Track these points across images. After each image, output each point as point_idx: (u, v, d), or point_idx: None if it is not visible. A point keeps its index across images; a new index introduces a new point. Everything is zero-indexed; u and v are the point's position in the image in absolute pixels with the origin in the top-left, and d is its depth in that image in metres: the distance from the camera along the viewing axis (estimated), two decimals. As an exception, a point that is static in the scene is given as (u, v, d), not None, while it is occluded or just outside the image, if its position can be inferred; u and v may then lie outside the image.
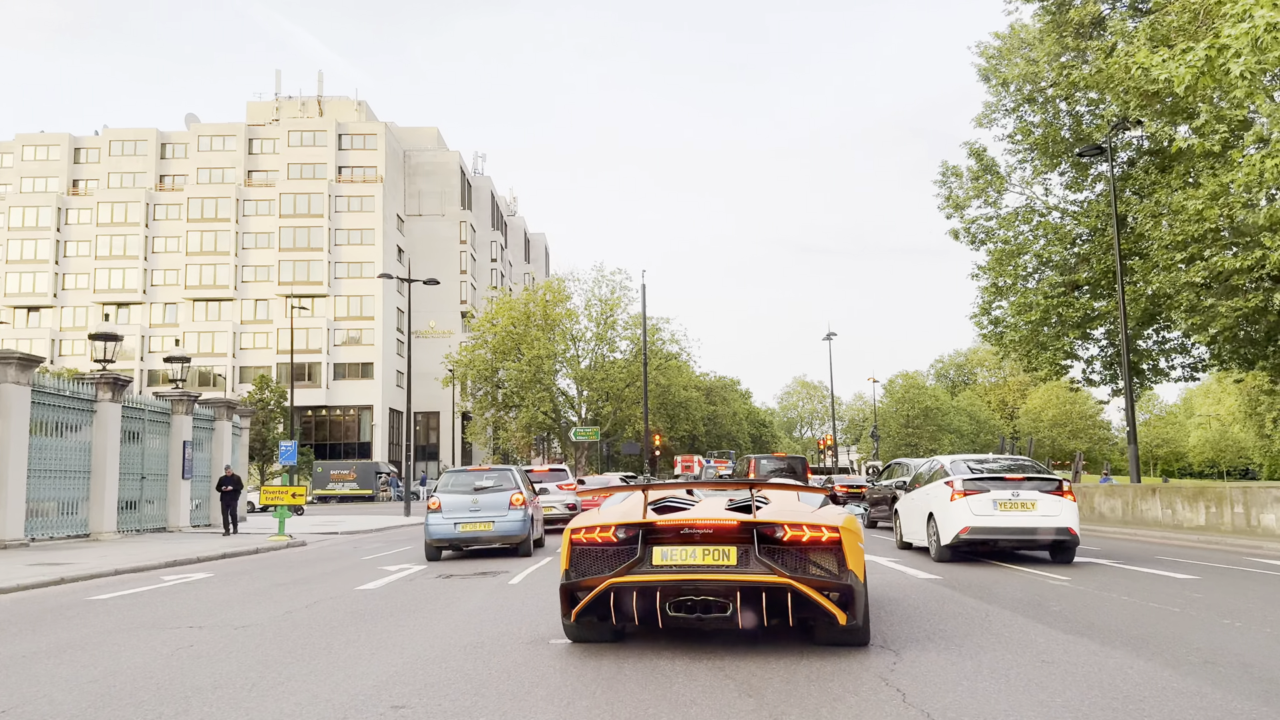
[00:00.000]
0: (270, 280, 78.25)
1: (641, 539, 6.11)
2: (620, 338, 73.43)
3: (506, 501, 15.24)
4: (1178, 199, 20.98)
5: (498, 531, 14.95)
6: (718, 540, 6.03)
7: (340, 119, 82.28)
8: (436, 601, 9.50)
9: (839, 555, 6.01)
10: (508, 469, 16.34)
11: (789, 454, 39.46)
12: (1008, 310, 29.16)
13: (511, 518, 15.09)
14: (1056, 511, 12.36)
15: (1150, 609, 8.26)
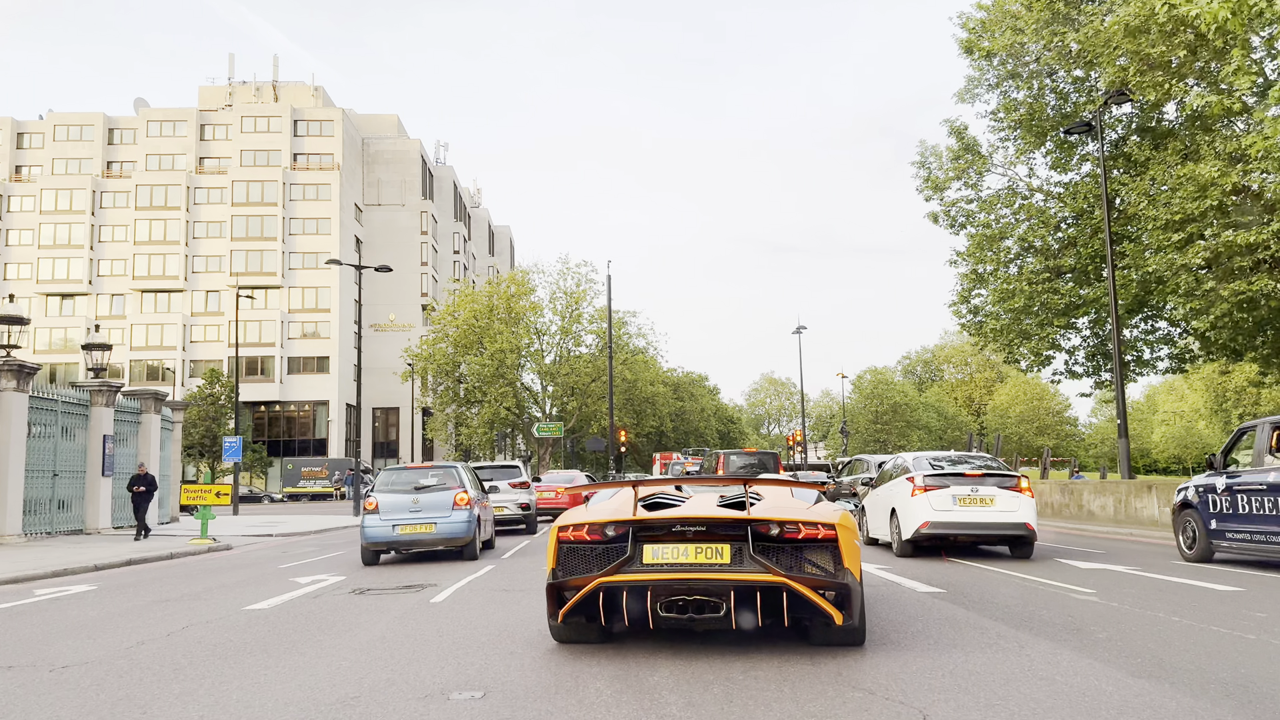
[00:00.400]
0: (222, 271, 75.50)
1: (632, 537, 5.85)
2: (586, 331, 71.60)
3: (450, 501, 14.04)
4: (1181, 172, 19.54)
5: (440, 534, 13.76)
6: (711, 538, 5.81)
7: (296, 105, 79.58)
8: (331, 629, 7.67)
9: (835, 553, 5.82)
10: (453, 466, 15.13)
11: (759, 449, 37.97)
12: (988, 298, 27.71)
13: (455, 519, 13.88)
14: (1015, 508, 12.54)
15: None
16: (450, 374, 70.80)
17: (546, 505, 26.82)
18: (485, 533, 15.76)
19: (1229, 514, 11.74)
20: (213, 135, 78.88)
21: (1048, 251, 26.54)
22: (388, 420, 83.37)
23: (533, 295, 71.95)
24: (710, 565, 5.71)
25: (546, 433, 63.84)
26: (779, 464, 27.52)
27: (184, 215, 75.74)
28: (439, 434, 70.86)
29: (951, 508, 12.66)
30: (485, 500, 16.48)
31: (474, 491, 14.88)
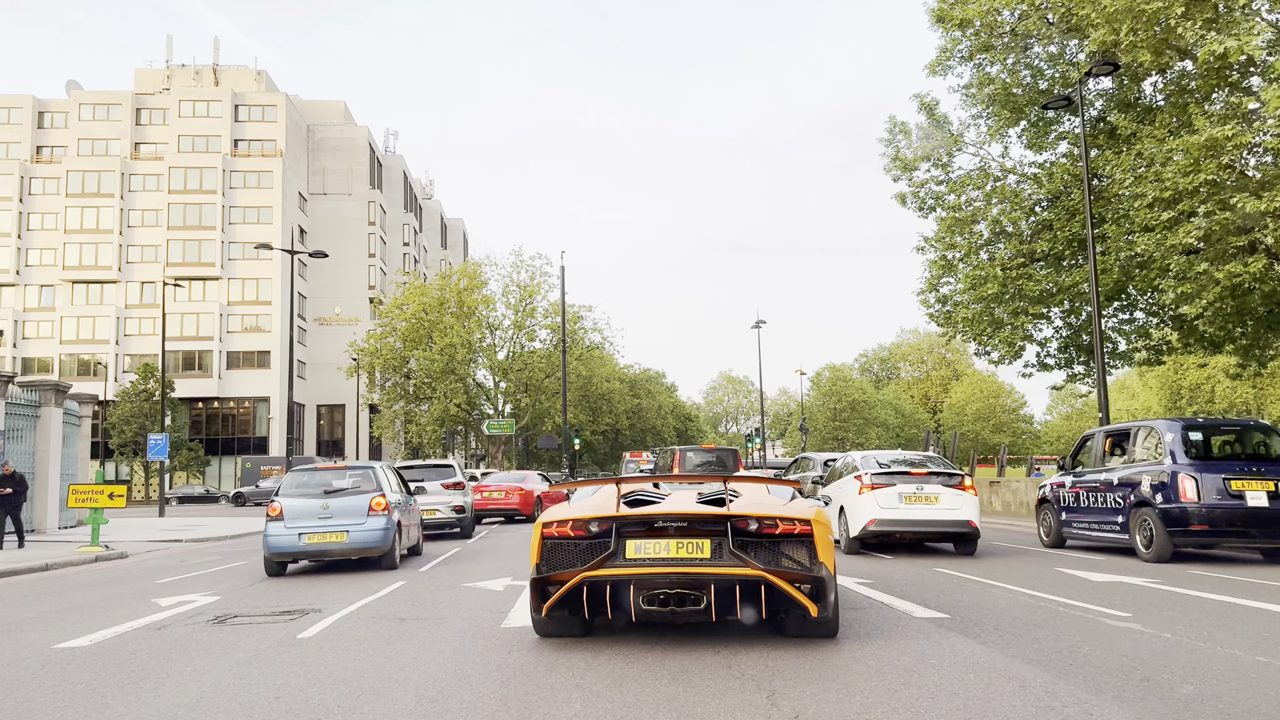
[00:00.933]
0: (158, 261, 72.15)
1: (616, 532, 6.04)
2: (540, 326, 69.41)
3: (365, 507, 12.68)
4: (1174, 144, 18.02)
5: (353, 543, 12.46)
6: (692, 533, 6.01)
7: (237, 89, 76.36)
8: (141, 681, 5.67)
9: (811, 548, 6.04)
10: (370, 467, 13.70)
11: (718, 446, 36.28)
12: (958, 285, 26.16)
13: (371, 526, 12.56)
14: (959, 505, 12.87)
15: None
16: (398, 369, 68.31)
17: (496, 506, 25.15)
18: (409, 539, 14.42)
19: (1074, 508, 14.00)
20: (149, 120, 75.45)
21: (1021, 236, 25.04)
22: (333, 418, 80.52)
23: (485, 288, 69.70)
24: (691, 560, 5.88)
25: (497, 430, 61.57)
26: (739, 461, 25.84)
27: (118, 203, 72.27)
28: (386, 431, 68.30)
29: (898, 505, 12.92)
30: (411, 504, 15.13)
31: (394, 495, 13.53)
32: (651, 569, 5.88)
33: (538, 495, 27.11)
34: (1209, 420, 13.14)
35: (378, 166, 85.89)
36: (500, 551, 15.69)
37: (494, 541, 18.59)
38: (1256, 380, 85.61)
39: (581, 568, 5.99)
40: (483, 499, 25.02)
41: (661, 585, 5.87)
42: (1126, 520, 12.58)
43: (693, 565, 5.87)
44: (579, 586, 5.98)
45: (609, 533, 6.06)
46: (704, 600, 5.86)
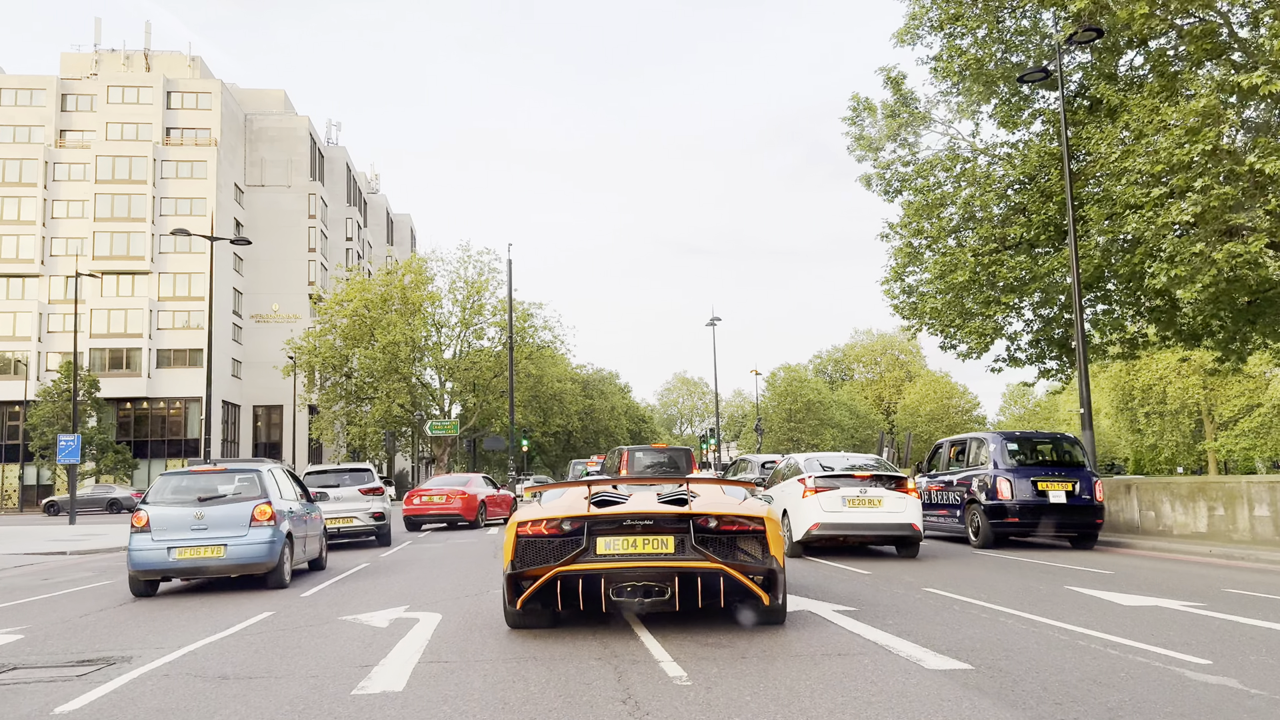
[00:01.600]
0: (84, 254, 68.42)
1: (587, 530, 6.52)
2: (488, 324, 66.99)
3: (246, 516, 11.12)
4: (1168, 112, 16.41)
5: (232, 558, 10.92)
6: (657, 531, 6.54)
7: (170, 75, 72.86)
8: None
9: (764, 543, 6.65)
10: (256, 469, 11.99)
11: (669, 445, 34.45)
12: (924, 274, 24.49)
13: (253, 539, 11.01)
14: (901, 508, 13.00)
15: None
16: (338, 369, 65.47)
17: (436, 511, 23.72)
18: (306, 553, 12.89)
19: (927, 504, 16.05)
20: (75, 106, 71.66)
21: (992, 221, 23.41)
22: (271, 419, 77.29)
23: (431, 284, 67.13)
24: (657, 555, 6.48)
25: (440, 431, 59.03)
26: (693, 461, 23.95)
27: (41, 193, 68.46)
28: (326, 433, 65.40)
29: (841, 509, 12.96)
30: (314, 513, 13.58)
31: (285, 503, 11.96)
32: (621, 563, 6.40)
33: (482, 500, 25.19)
34: (1024, 434, 16.40)
35: (319, 158, 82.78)
36: (415, 566, 13.60)
37: (415, 552, 16.51)
38: (1209, 380, 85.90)
39: (555, 563, 6.44)
40: (422, 503, 23.72)
41: (630, 578, 6.39)
42: (962, 514, 15.30)
43: (658, 560, 6.40)
44: (553, 580, 6.44)
45: (581, 531, 6.52)
46: (668, 591, 6.38)
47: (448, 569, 13.05)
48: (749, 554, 6.57)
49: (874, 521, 12.96)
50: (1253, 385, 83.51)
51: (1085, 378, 19.21)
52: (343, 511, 17.74)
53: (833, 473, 13.52)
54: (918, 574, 11.03)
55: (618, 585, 6.43)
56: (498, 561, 13.23)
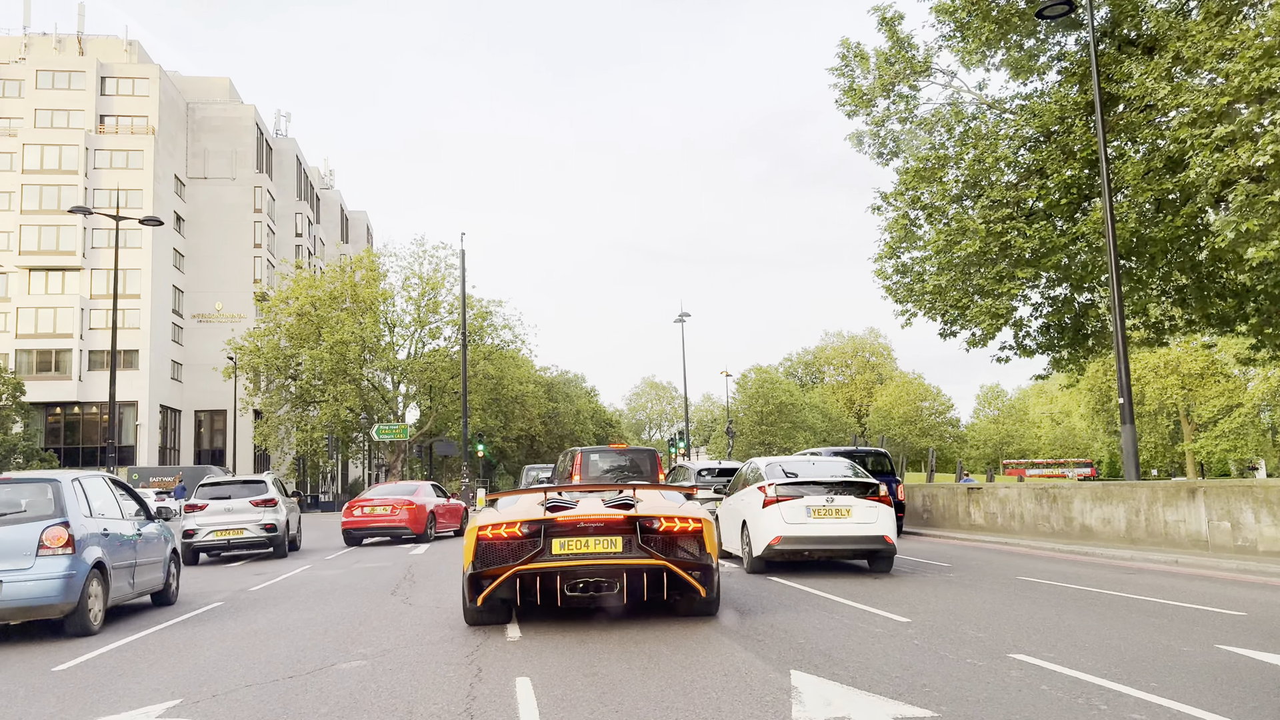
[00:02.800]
0: (10, 249, 63.96)
1: (544, 533, 7.29)
2: (444, 323, 63.21)
3: (32, 543, 8.46)
4: (1244, 31, 13.36)
5: (11, 599, 8.26)
6: (607, 532, 7.35)
7: (104, 59, 68.52)
8: None
9: (700, 541, 7.58)
10: (54, 479, 9.26)
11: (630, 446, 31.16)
12: (926, 244, 21.40)
13: (41, 572, 8.37)
14: (872, 519, 11.81)
15: None
16: (283, 370, 61.47)
17: (380, 524, 21.26)
18: (137, 585, 10.16)
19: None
20: (3, 91, 67.14)
21: (1003, 185, 20.33)
22: (214, 424, 73.01)
23: (384, 281, 63.33)
24: (607, 554, 7.30)
25: (388, 435, 55.21)
26: (659, 464, 20.57)
27: (-37, 183, 63.98)
28: (270, 439, 61.34)
29: (805, 520, 11.78)
30: (155, 534, 10.79)
31: (96, 522, 9.24)
32: (574, 562, 7.26)
33: (430, 510, 22.02)
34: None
35: (266, 150, 78.63)
36: (285, 603, 10.29)
37: (306, 577, 13.18)
38: (1186, 379, 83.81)
39: (514, 563, 7.24)
40: (363, 515, 21.28)
41: (583, 575, 7.27)
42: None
43: (608, 558, 7.28)
44: (512, 579, 7.25)
45: (538, 533, 7.32)
46: (617, 586, 7.32)
47: (320, 611, 9.75)
48: (688, 552, 7.43)
49: (842, 534, 11.76)
50: (1231, 386, 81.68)
51: (1124, 361, 16.11)
52: (234, 523, 17.28)
53: (796, 480, 12.20)
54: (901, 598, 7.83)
55: (571, 581, 7.25)
56: (399, 597, 10.74)
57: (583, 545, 7.26)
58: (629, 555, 7.25)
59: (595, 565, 7.21)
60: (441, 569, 13.73)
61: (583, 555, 7.23)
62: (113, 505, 9.99)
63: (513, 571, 7.16)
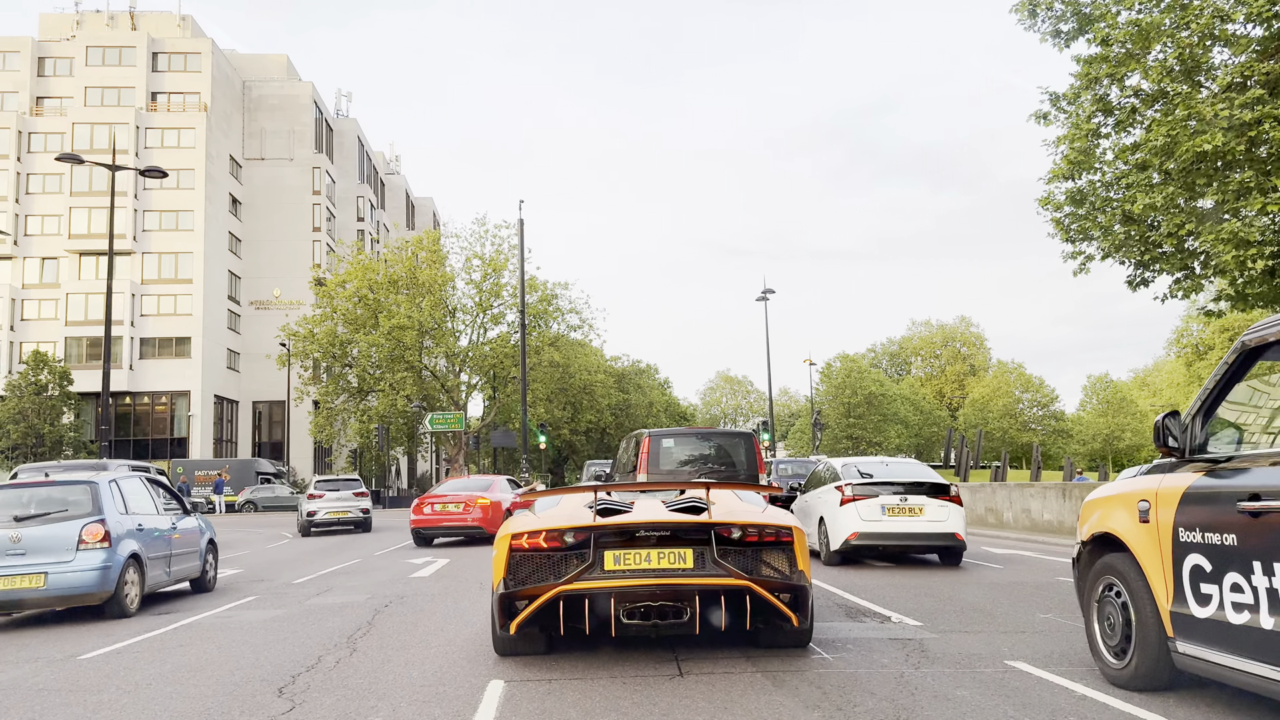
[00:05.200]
0: (60, 233, 61.60)
1: (593, 543, 5.74)
2: (507, 307, 58.70)
3: (74, 538, 9.37)
4: None
5: (56, 589, 9.19)
6: (674, 542, 5.76)
7: (156, 35, 65.81)
8: None
9: (791, 556, 5.90)
10: (91, 481, 10.09)
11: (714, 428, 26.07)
12: (1124, 158, 15.73)
13: (82, 564, 9.30)
14: (944, 517, 12.56)
15: None
16: (340, 358, 57.73)
17: (451, 524, 19.14)
18: (173, 573, 11.02)
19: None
20: (54, 70, 64.87)
21: (1237, 65, 14.51)
22: (272, 416, 69.85)
23: (445, 264, 59.19)
24: (674, 570, 5.66)
25: (442, 425, 50.93)
26: (758, 451, 15.38)
27: (15, 165, 61.72)
28: (324, 431, 57.68)
29: (880, 517, 12.47)
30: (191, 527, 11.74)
31: (131, 518, 10.13)
32: (633, 580, 5.64)
33: (507, 509, 18.03)
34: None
35: (326, 130, 75.34)
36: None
37: (220, 623, 8.21)
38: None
39: (557, 581, 5.69)
40: (433, 513, 19.24)
41: (644, 597, 5.64)
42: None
43: (676, 576, 5.65)
44: (554, 601, 5.66)
45: (586, 543, 5.75)
46: (687, 612, 5.67)
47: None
48: (775, 569, 5.86)
49: (915, 530, 12.51)
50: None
51: None
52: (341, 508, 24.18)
53: (871, 480, 12.95)
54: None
55: (629, 606, 5.64)
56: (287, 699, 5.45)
57: (643, 559, 5.66)
58: (702, 573, 5.63)
59: (660, 585, 5.55)
60: (428, 616, 8.79)
61: (644, 572, 5.62)
62: (148, 501, 10.97)
63: (556, 591, 5.59)
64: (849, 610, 8.44)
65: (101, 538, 9.45)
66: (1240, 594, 4.31)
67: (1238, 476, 4.46)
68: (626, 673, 5.84)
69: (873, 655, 6.26)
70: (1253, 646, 4.15)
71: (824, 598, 9.25)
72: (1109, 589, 5.35)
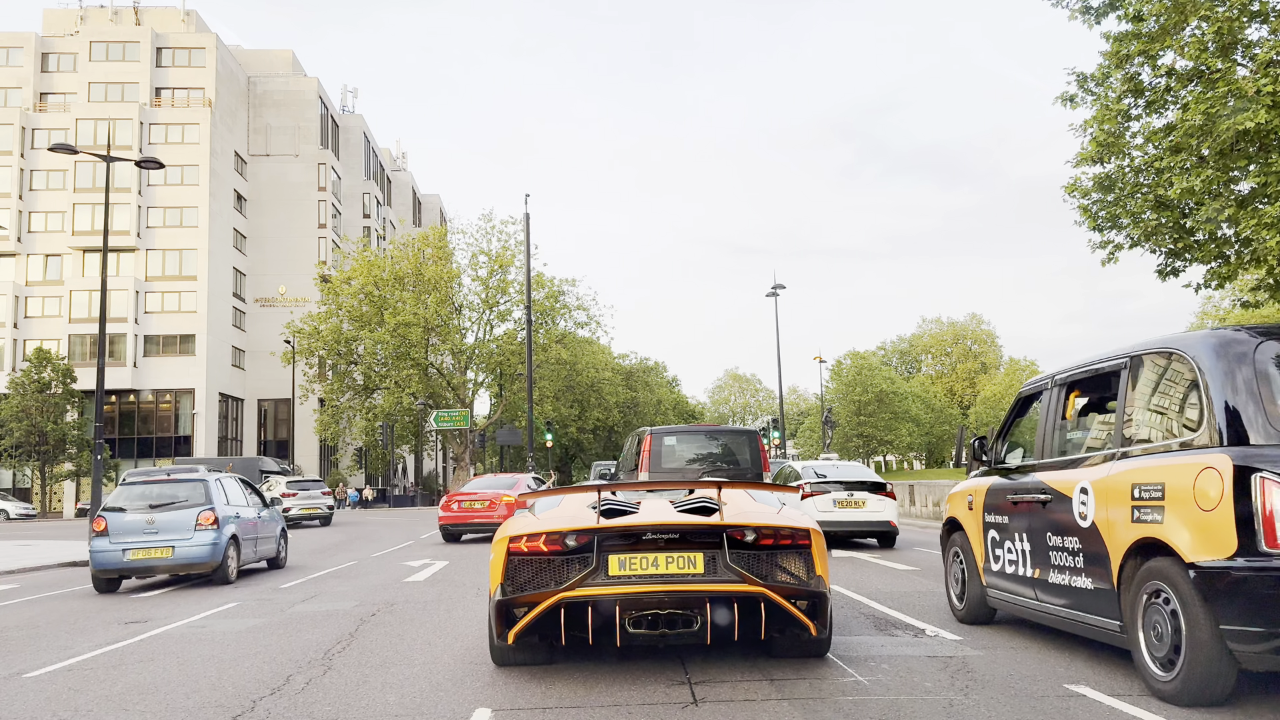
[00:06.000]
0: (63, 230, 61.11)
1: (597, 546, 5.34)
2: (514, 303, 58.01)
3: (193, 521, 12.37)
4: None
5: (179, 559, 12.23)
6: (683, 546, 5.35)
7: (160, 30, 65.25)
8: None
9: (809, 560, 5.50)
10: (204, 479, 12.96)
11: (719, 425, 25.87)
12: (1156, 140, 14.98)
13: (198, 541, 12.28)
14: (881, 509, 15.45)
15: None
16: (345, 355, 57.13)
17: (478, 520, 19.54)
18: (259, 552, 13.93)
19: None
20: (57, 66, 64.38)
21: (1277, 46, 13.71)
22: (278, 414, 69.27)
23: (451, 260, 58.53)
24: (684, 576, 5.29)
25: (447, 423, 50.26)
26: (762, 451, 14.88)
27: (18, 161, 61.27)
28: (329, 429, 57.08)
29: (832, 509, 15.23)
30: (274, 517, 14.72)
31: (231, 508, 13.06)
32: (640, 587, 5.23)
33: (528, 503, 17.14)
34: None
35: (332, 126, 74.75)
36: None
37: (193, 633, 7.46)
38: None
39: (558, 587, 5.29)
40: (460, 510, 19.87)
41: (651, 605, 5.23)
42: None
43: (685, 582, 5.26)
44: (555, 608, 5.26)
45: (589, 547, 5.35)
46: (697, 621, 5.28)
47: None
48: (792, 574, 5.42)
49: (859, 520, 15.36)
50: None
51: None
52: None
53: (825, 479, 15.76)
54: None
55: (636, 614, 5.22)
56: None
57: (649, 564, 5.23)
58: (713, 578, 5.21)
59: (669, 592, 5.13)
60: (415, 627, 8.18)
61: (649, 578, 5.19)
62: (241, 496, 13.69)
63: (558, 598, 5.18)
64: (877, 621, 7.70)
65: (212, 521, 12.37)
66: (1010, 554, 6.77)
67: (1011, 479, 6.85)
68: (632, 699, 5.11)
69: (913, 677, 5.52)
70: (1017, 584, 6.65)
71: (848, 606, 8.52)
72: (955, 555, 7.87)
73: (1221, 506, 4.52)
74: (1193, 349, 5.13)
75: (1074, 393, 6.53)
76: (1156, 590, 4.94)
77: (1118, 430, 5.69)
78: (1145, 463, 5.21)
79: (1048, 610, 6.18)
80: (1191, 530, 4.68)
